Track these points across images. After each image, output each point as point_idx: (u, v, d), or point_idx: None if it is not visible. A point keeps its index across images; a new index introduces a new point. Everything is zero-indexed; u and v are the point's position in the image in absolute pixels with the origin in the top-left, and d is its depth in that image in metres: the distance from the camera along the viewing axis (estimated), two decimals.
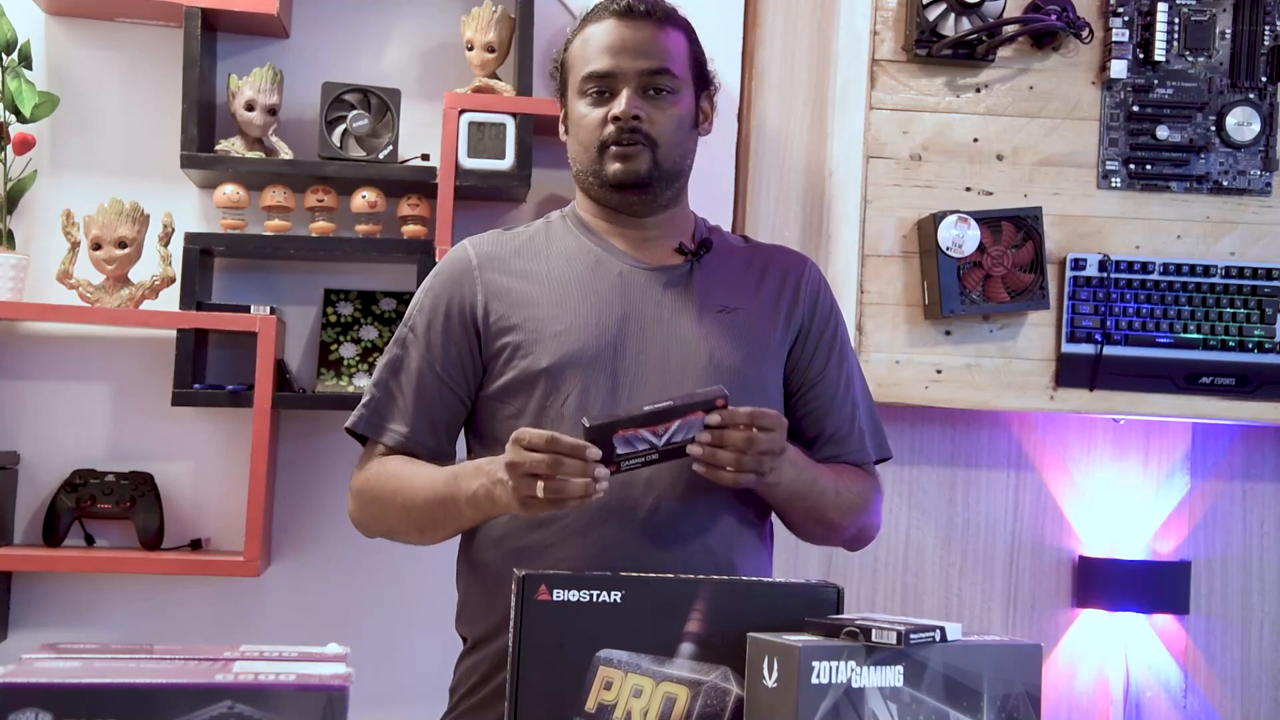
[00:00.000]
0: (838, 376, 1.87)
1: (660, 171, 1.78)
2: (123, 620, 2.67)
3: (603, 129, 1.76)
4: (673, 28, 1.81)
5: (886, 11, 2.70)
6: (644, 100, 1.76)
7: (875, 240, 2.69)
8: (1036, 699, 1.42)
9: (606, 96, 1.77)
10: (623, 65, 1.76)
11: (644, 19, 1.78)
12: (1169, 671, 2.88)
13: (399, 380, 1.80)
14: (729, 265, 1.85)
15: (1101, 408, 2.70)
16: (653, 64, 1.77)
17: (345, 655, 1.19)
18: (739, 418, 1.57)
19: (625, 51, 1.77)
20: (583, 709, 1.38)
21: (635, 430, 1.53)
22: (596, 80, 1.77)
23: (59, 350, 2.69)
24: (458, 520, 1.72)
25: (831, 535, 1.85)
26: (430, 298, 1.82)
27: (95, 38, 2.73)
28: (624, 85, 1.76)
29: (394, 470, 1.77)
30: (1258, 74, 2.72)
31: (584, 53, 1.79)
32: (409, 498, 1.73)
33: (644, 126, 1.75)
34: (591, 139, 1.77)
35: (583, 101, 1.79)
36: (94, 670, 1.08)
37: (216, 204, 2.64)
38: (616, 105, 1.75)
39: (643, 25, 1.78)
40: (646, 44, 1.78)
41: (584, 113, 1.78)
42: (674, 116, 1.78)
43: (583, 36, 1.81)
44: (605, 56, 1.77)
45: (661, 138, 1.77)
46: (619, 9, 1.79)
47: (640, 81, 1.76)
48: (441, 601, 1.98)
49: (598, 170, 1.78)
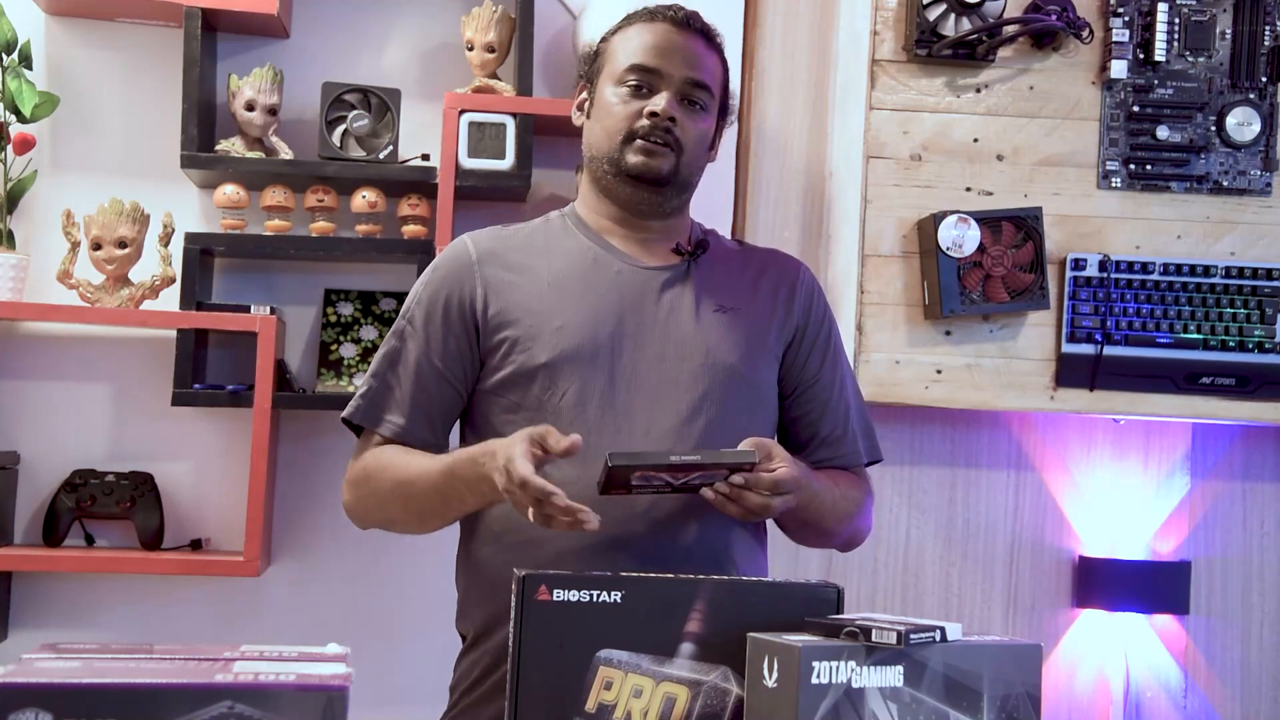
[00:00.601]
0: (831, 380, 1.89)
1: (678, 177, 1.81)
2: (123, 620, 2.67)
3: (635, 120, 1.78)
4: (717, 53, 1.87)
5: (886, 11, 2.70)
6: (680, 107, 1.80)
7: (875, 240, 2.69)
8: (1036, 699, 1.42)
9: (644, 92, 1.80)
10: (670, 68, 1.80)
11: (697, 34, 1.84)
12: (1169, 672, 2.88)
13: (396, 372, 1.81)
14: (725, 266, 1.88)
15: (1101, 408, 2.70)
16: (697, 75, 1.81)
17: (345, 655, 1.19)
18: (763, 485, 1.59)
19: (675, 55, 1.81)
20: (583, 709, 1.38)
21: (655, 473, 1.54)
22: (641, 74, 1.80)
23: (59, 350, 2.69)
24: (460, 505, 1.72)
25: (826, 541, 1.89)
26: (429, 291, 1.83)
27: (95, 38, 2.73)
28: (666, 86, 1.79)
29: (390, 460, 1.77)
30: (1258, 74, 2.72)
31: (631, 45, 1.82)
32: (407, 486, 1.74)
33: (675, 130, 1.79)
34: (620, 126, 1.79)
35: (619, 89, 1.81)
36: (94, 670, 1.08)
37: (216, 204, 2.64)
38: (656, 102, 1.78)
39: (695, 38, 1.83)
40: (695, 55, 1.82)
41: (617, 100, 1.80)
42: (700, 131, 1.83)
43: (633, 30, 1.84)
44: (654, 54, 1.80)
45: (687, 146, 1.80)
46: (676, 18, 1.83)
47: (681, 88, 1.80)
48: (441, 601, 1.98)
49: (617, 159, 1.80)
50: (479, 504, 1.72)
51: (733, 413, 1.77)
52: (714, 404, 1.76)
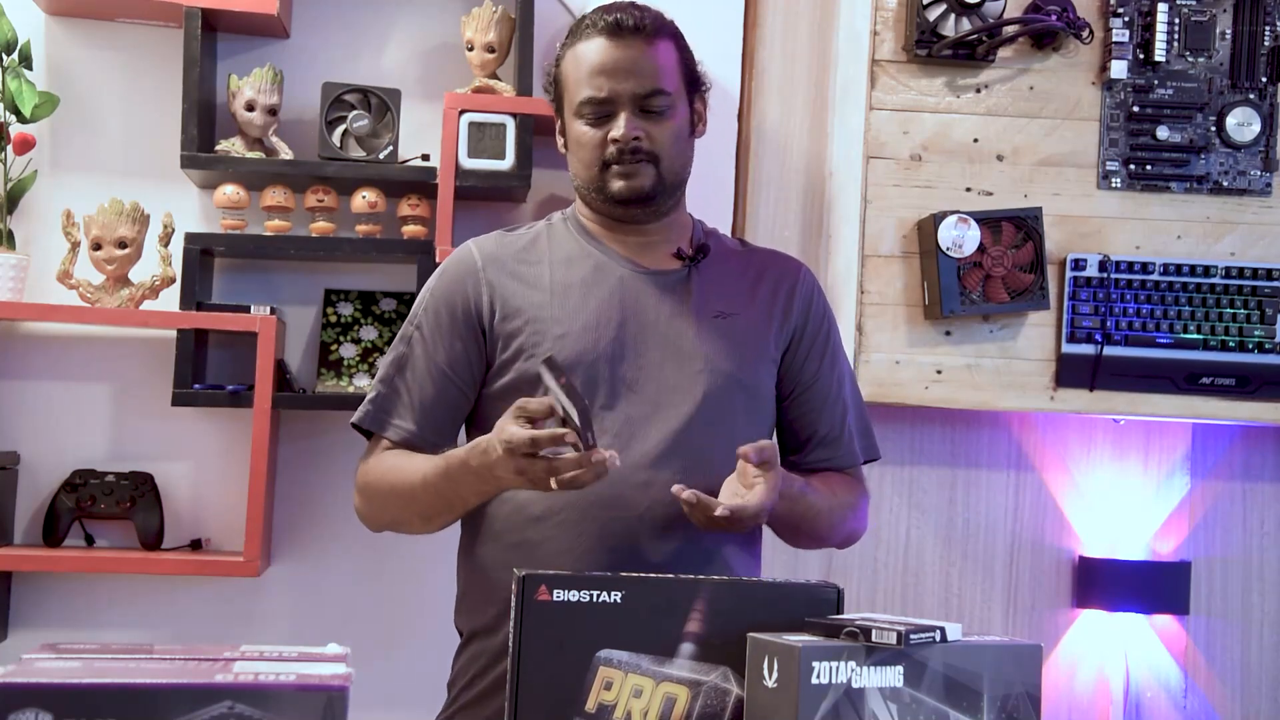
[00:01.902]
0: (830, 381, 1.91)
1: (664, 184, 1.81)
2: (123, 620, 2.67)
3: (603, 149, 1.78)
4: (661, 40, 1.80)
5: (886, 12, 2.70)
6: (642, 119, 1.78)
7: (875, 240, 2.69)
8: (1036, 699, 1.42)
9: (604, 119, 1.78)
10: (617, 89, 1.77)
11: (634, 35, 1.78)
12: (1169, 672, 2.88)
13: (404, 377, 1.83)
14: (725, 270, 1.88)
15: (1101, 408, 2.70)
16: (646, 86, 1.78)
17: (345, 655, 1.19)
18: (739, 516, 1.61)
19: (618, 74, 1.77)
20: (583, 709, 1.38)
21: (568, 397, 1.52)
22: (593, 105, 1.78)
23: (59, 350, 2.69)
24: (462, 500, 1.73)
25: (818, 545, 1.93)
26: (436, 297, 1.85)
27: (95, 38, 2.73)
28: (621, 108, 1.77)
29: (394, 462, 1.80)
30: (1258, 74, 2.71)
31: (577, 74, 1.80)
32: (410, 486, 1.75)
33: (644, 145, 1.77)
34: (593, 158, 1.79)
35: (580, 122, 1.80)
36: (94, 670, 1.08)
37: (217, 204, 2.64)
38: (615, 128, 1.76)
39: (633, 43, 1.78)
40: (638, 64, 1.78)
41: (583, 132, 1.80)
42: (671, 130, 1.80)
43: (574, 55, 1.81)
44: (599, 80, 1.77)
45: (662, 152, 1.79)
46: (608, 26, 1.78)
47: (636, 103, 1.77)
48: (442, 601, 1.98)
49: (601, 187, 1.80)
50: (481, 499, 1.74)
51: (731, 418, 1.80)
52: (713, 410, 1.78)
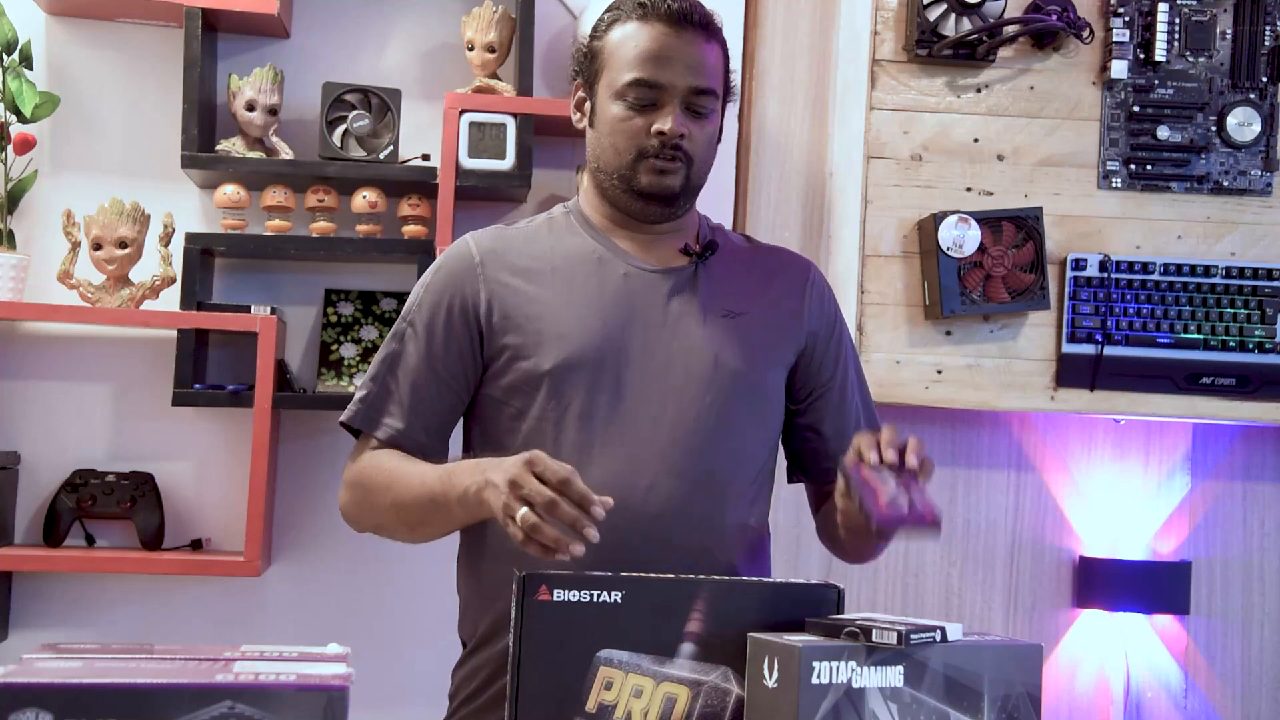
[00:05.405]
0: (843, 382, 1.88)
1: (689, 187, 1.76)
2: (123, 620, 2.67)
3: (643, 138, 1.72)
4: (716, 40, 1.77)
5: (887, 12, 2.70)
6: (686, 116, 1.73)
7: (876, 240, 2.69)
8: (1037, 699, 1.42)
9: (649, 107, 1.72)
10: (673, 80, 1.71)
11: (695, 30, 1.73)
12: (1169, 672, 2.88)
13: (396, 376, 1.78)
14: (733, 267, 1.84)
15: (1102, 408, 2.70)
16: (700, 83, 1.72)
17: (345, 655, 1.19)
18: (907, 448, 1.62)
19: (676, 64, 1.72)
20: (583, 709, 1.38)
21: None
22: (642, 89, 1.72)
23: (59, 350, 2.69)
24: (447, 519, 1.68)
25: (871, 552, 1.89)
26: (431, 293, 1.79)
27: (95, 38, 2.73)
28: (670, 99, 1.71)
29: (386, 465, 1.74)
30: (1258, 74, 2.71)
31: (628, 54, 1.73)
32: (400, 493, 1.70)
33: (685, 144, 1.72)
34: (628, 145, 1.73)
35: (620, 104, 1.73)
36: (94, 670, 1.08)
37: (217, 204, 2.64)
38: (664, 121, 1.71)
39: (693, 37, 1.73)
40: (695, 59, 1.73)
41: (622, 116, 1.73)
42: (709, 134, 1.76)
43: (626, 33, 1.74)
44: (653, 66, 1.71)
45: (697, 156, 1.75)
46: (671, 13, 1.72)
47: (686, 99, 1.72)
48: (442, 602, 1.98)
49: (628, 177, 1.74)
50: (466, 520, 1.68)
51: (739, 419, 1.75)
52: (721, 411, 1.73)
